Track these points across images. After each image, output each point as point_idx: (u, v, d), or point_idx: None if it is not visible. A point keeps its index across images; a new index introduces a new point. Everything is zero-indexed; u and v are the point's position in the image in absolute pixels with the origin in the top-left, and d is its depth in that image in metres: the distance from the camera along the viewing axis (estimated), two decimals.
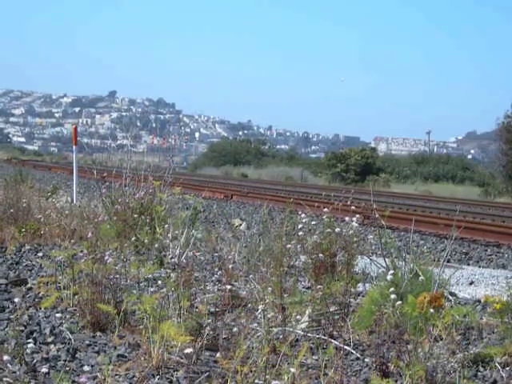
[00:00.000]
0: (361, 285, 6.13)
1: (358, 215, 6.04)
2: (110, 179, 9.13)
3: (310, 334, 4.73)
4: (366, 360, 4.42)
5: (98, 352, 4.36)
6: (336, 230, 5.85)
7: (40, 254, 7.52)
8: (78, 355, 4.29)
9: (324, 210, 6.15)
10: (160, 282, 5.67)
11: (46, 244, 8.21)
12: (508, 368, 4.30)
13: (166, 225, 7.80)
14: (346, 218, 5.97)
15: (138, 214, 8.05)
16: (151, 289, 5.38)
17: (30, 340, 4.46)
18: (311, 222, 6.17)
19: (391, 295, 4.72)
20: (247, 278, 5.96)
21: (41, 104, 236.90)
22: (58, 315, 5.07)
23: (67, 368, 4.02)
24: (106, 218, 8.27)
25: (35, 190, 12.28)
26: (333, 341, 4.54)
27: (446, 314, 4.42)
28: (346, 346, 4.48)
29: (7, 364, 3.74)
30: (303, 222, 6.10)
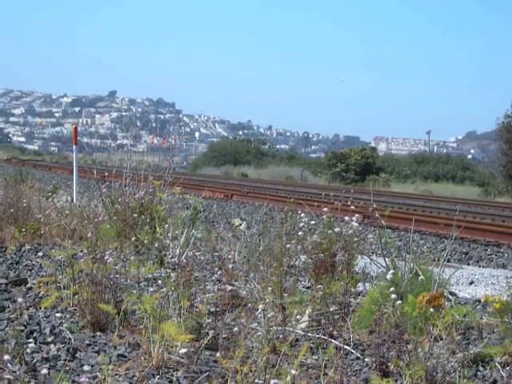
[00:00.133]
0: (361, 284, 6.14)
1: (357, 215, 6.04)
2: (110, 179, 9.12)
3: (310, 334, 4.73)
4: (366, 360, 4.42)
5: (98, 352, 4.35)
6: (336, 229, 5.86)
7: (40, 254, 7.52)
8: (78, 355, 4.29)
9: (324, 209, 6.15)
10: (160, 281, 5.68)
11: (45, 244, 8.20)
12: (508, 368, 4.30)
13: (166, 224, 7.80)
14: (345, 218, 5.97)
15: (137, 214, 8.05)
16: (151, 288, 5.38)
17: (30, 340, 4.46)
18: (311, 222, 6.17)
19: (391, 295, 4.72)
20: (247, 278, 5.96)
21: (41, 104, 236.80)
22: (58, 315, 5.07)
23: (67, 368, 4.02)
24: (105, 218, 8.26)
25: (35, 189, 12.27)
26: (333, 340, 4.54)
27: (446, 313, 4.42)
28: (346, 346, 4.48)
29: (7, 364, 3.74)
30: (303, 221, 6.10)
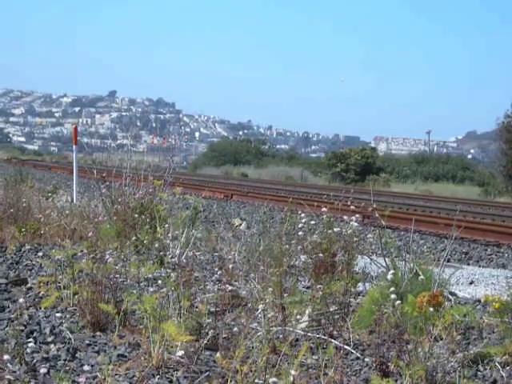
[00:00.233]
0: (361, 284, 6.13)
1: (357, 215, 6.04)
2: (110, 179, 9.13)
3: (310, 334, 4.73)
4: (366, 360, 4.42)
5: (98, 352, 4.35)
6: (336, 229, 5.85)
7: (40, 254, 7.52)
8: (77, 355, 4.29)
9: (323, 209, 6.15)
10: (160, 281, 5.68)
11: (45, 244, 8.20)
12: (508, 367, 4.30)
13: (166, 224, 7.80)
14: (344, 217, 5.97)
15: (138, 214, 8.05)
16: (151, 288, 5.37)
17: (30, 340, 4.46)
18: (311, 222, 6.17)
19: (391, 295, 4.72)
20: (247, 278, 5.96)
21: (41, 104, 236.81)
22: (58, 315, 5.07)
23: (67, 368, 4.02)
24: (105, 218, 8.27)
25: (35, 189, 12.28)
26: (333, 340, 4.54)
27: (446, 313, 4.42)
28: (346, 346, 4.48)
29: (7, 363, 3.74)
30: (303, 221, 6.10)
